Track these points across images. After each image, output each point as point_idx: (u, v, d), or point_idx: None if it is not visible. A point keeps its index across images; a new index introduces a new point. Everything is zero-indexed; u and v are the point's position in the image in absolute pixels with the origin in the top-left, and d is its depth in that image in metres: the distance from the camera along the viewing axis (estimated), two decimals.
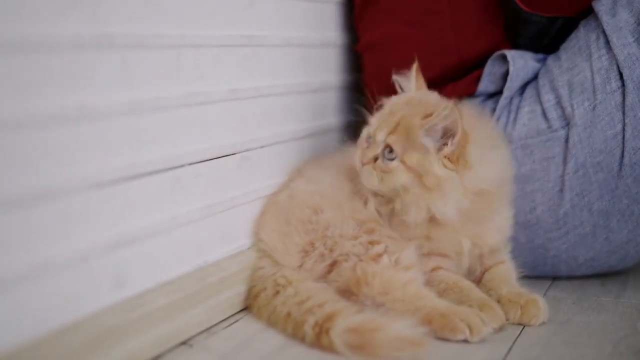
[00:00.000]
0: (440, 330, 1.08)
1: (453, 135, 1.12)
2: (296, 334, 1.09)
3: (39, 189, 0.88)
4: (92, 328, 0.94)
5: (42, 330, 0.88)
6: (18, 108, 0.85)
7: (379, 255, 1.16)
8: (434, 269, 1.21)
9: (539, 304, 1.17)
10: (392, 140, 1.16)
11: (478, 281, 1.23)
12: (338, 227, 1.21)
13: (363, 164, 1.19)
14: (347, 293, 1.15)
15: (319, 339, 1.05)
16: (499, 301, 1.18)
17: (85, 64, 0.94)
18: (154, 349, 1.03)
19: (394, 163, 1.16)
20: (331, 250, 1.19)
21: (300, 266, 1.21)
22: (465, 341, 1.07)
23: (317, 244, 1.20)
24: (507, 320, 1.16)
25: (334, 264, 1.19)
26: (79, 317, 0.93)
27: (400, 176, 1.16)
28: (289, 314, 1.11)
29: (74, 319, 0.93)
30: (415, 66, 1.24)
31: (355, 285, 1.14)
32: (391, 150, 1.16)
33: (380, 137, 1.18)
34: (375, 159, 1.18)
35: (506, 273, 1.24)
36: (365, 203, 1.22)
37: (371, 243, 1.18)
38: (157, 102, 1.06)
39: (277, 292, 1.16)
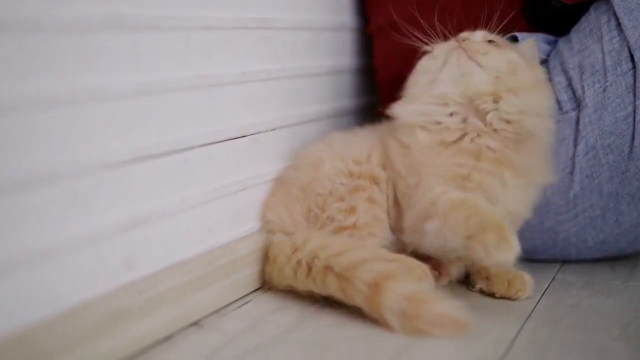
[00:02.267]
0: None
1: None
2: (336, 290, 1.09)
3: (49, 169, 0.88)
4: (104, 308, 0.94)
5: (55, 311, 0.89)
6: (28, 88, 0.85)
7: (345, 228, 1.19)
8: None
9: (525, 278, 1.19)
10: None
11: None
12: (332, 180, 1.22)
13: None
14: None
15: (373, 299, 1.04)
16: (487, 277, 1.20)
17: (95, 45, 0.94)
18: (165, 329, 1.03)
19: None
20: (322, 210, 1.20)
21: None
22: None
23: (312, 207, 1.22)
24: (496, 294, 1.19)
25: (322, 227, 1.20)
26: (91, 298, 0.94)
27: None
28: (326, 269, 1.10)
29: (86, 300, 0.93)
30: None
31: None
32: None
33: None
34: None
35: None
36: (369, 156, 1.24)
37: (349, 211, 1.19)
38: (167, 84, 1.06)
39: (297, 250, 1.15)
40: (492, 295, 1.20)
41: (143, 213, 1.03)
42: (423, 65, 1.25)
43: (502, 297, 1.19)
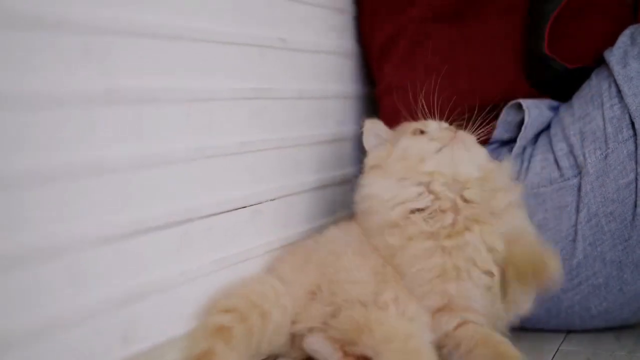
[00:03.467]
0: None
1: None
2: None
3: (46, 246, 0.88)
4: None
5: None
6: (27, 163, 0.86)
7: (386, 304, 1.15)
8: (459, 325, 1.18)
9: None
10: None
11: None
12: (351, 270, 1.19)
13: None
14: (346, 343, 1.14)
15: None
16: None
17: (94, 118, 0.94)
18: None
19: None
20: (333, 294, 1.18)
21: (303, 306, 1.20)
22: None
23: (323, 287, 1.19)
24: None
25: (337, 310, 1.17)
26: None
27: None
28: None
29: None
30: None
31: (357, 332, 1.12)
32: None
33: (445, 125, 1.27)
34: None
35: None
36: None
37: (378, 292, 1.17)
38: (166, 155, 1.07)
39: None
40: None
41: (141, 287, 1.02)
42: (411, 144, 1.25)
43: None
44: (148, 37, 1.04)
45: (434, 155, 1.22)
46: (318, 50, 1.47)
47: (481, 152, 1.26)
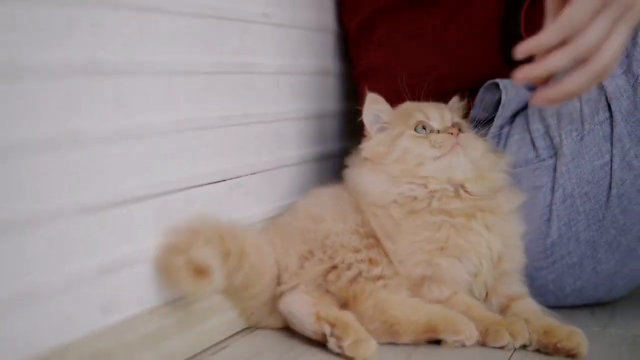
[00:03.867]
0: (445, 332, 1.13)
1: None
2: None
3: (28, 215, 0.88)
4: (78, 353, 0.94)
5: (28, 356, 0.88)
6: (8, 134, 0.86)
7: (377, 278, 1.19)
8: (452, 296, 1.23)
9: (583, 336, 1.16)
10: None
11: None
12: (339, 236, 1.22)
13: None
14: (342, 301, 1.18)
15: None
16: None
17: (76, 90, 0.94)
18: None
19: None
20: (331, 257, 1.21)
21: (298, 268, 1.22)
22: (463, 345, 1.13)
23: (316, 252, 1.22)
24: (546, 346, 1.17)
25: (333, 267, 1.20)
26: (68, 342, 0.94)
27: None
28: None
29: (63, 344, 0.93)
30: None
31: (352, 299, 1.17)
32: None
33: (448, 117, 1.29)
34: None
35: (535, 307, 1.25)
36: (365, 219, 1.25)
37: (371, 262, 1.20)
38: (147, 128, 1.07)
39: None
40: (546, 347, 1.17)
41: (120, 257, 1.02)
42: (411, 148, 1.26)
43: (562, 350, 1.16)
44: (131, 10, 1.04)
45: (432, 161, 1.24)
46: (301, 26, 1.47)
47: (478, 152, 1.27)
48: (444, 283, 1.22)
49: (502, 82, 1.37)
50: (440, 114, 1.29)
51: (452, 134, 1.25)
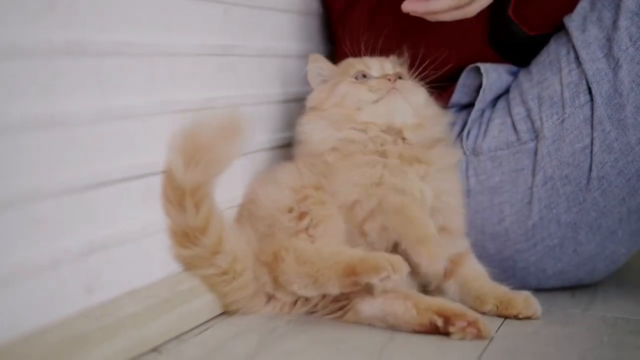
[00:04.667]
0: (365, 273, 1.11)
1: None
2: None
3: (10, 194, 0.88)
4: (62, 333, 0.94)
5: (11, 335, 0.88)
6: None
7: (300, 231, 1.19)
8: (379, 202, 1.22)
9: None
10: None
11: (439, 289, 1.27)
12: (274, 201, 1.23)
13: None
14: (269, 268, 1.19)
15: None
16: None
17: (58, 71, 0.94)
18: (123, 355, 1.02)
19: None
20: (270, 226, 1.21)
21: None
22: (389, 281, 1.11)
23: (259, 226, 1.22)
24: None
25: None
26: (49, 323, 0.93)
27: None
28: None
29: (44, 325, 0.93)
30: None
31: (274, 262, 1.17)
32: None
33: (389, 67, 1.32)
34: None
35: (480, 272, 1.27)
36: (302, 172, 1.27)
37: (300, 217, 1.20)
38: (130, 109, 1.07)
39: None
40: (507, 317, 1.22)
41: (104, 238, 1.02)
42: (349, 92, 1.29)
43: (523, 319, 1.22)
44: None
45: (370, 105, 1.27)
46: (284, 9, 1.48)
47: (420, 99, 1.30)
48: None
49: (483, 66, 1.37)
50: (380, 64, 1.32)
51: (389, 80, 1.28)
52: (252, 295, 1.20)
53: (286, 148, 1.46)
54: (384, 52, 1.34)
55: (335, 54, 1.59)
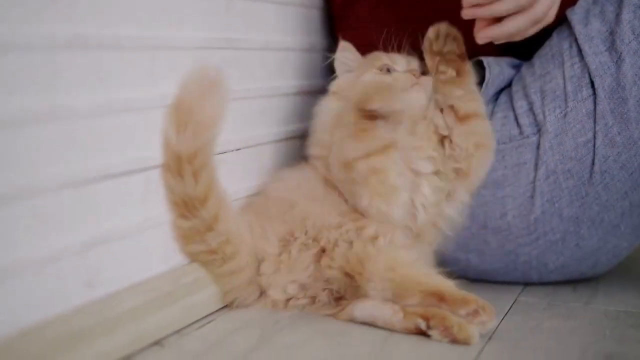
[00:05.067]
0: (452, 303, 1.10)
1: None
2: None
3: (9, 189, 0.88)
4: (63, 328, 0.94)
5: (12, 330, 0.88)
6: None
7: (374, 238, 1.19)
8: None
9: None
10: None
11: None
12: (318, 218, 1.22)
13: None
14: (346, 277, 1.18)
15: None
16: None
17: (58, 65, 0.94)
18: (125, 349, 1.03)
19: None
20: (315, 240, 1.20)
21: (279, 255, 1.21)
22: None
23: (296, 233, 1.21)
24: None
25: (322, 252, 1.20)
26: (50, 317, 0.93)
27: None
28: None
29: (45, 319, 0.93)
30: None
31: (359, 264, 1.16)
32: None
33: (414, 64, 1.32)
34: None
35: None
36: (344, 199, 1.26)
37: (360, 228, 1.20)
38: (131, 103, 1.07)
39: None
40: None
41: (105, 232, 1.02)
42: (377, 80, 1.29)
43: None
44: None
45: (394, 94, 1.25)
46: (285, 2, 1.47)
47: (430, 86, 1.29)
48: None
49: (486, 60, 1.37)
50: (406, 61, 1.32)
51: (414, 75, 1.28)
52: (247, 283, 1.21)
53: (289, 141, 1.46)
54: (384, 46, 1.33)
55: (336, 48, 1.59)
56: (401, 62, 1.32)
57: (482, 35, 1.23)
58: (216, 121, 1.14)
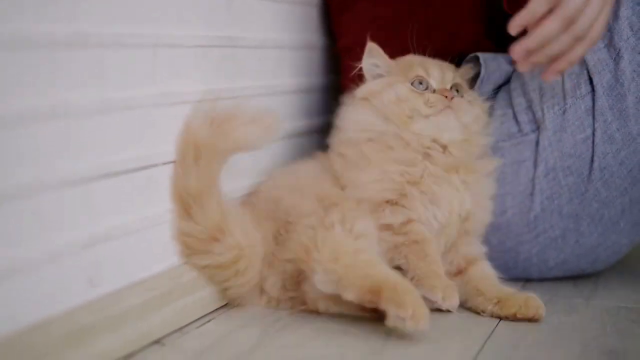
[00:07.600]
0: (386, 302, 1.05)
1: None
2: None
3: (11, 187, 0.88)
4: (64, 326, 0.94)
5: (14, 328, 0.88)
6: None
7: (332, 224, 1.16)
8: (406, 222, 1.22)
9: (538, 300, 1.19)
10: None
11: None
12: (297, 207, 1.21)
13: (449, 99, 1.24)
14: (297, 265, 1.16)
15: None
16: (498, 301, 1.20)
17: (59, 62, 0.94)
18: (126, 347, 1.02)
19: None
20: (287, 232, 1.19)
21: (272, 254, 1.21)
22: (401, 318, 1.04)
23: (281, 230, 1.20)
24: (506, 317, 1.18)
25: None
26: (51, 316, 0.93)
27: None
28: None
29: (46, 317, 0.92)
30: None
31: (305, 252, 1.13)
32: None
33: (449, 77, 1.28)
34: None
35: (490, 273, 1.25)
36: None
37: (327, 211, 1.18)
38: (131, 101, 1.07)
39: None
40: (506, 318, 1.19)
41: (105, 230, 1.02)
42: (406, 98, 1.25)
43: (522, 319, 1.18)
44: None
45: (422, 119, 1.24)
46: (286, 0, 1.47)
47: (471, 117, 1.27)
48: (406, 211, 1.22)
49: (482, 56, 1.37)
50: (441, 73, 1.28)
51: (446, 97, 1.24)
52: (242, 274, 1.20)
53: (290, 139, 1.46)
54: (382, 44, 1.32)
55: (336, 46, 1.59)
56: (435, 73, 1.27)
57: (516, 24, 1.15)
58: (249, 143, 1.20)
